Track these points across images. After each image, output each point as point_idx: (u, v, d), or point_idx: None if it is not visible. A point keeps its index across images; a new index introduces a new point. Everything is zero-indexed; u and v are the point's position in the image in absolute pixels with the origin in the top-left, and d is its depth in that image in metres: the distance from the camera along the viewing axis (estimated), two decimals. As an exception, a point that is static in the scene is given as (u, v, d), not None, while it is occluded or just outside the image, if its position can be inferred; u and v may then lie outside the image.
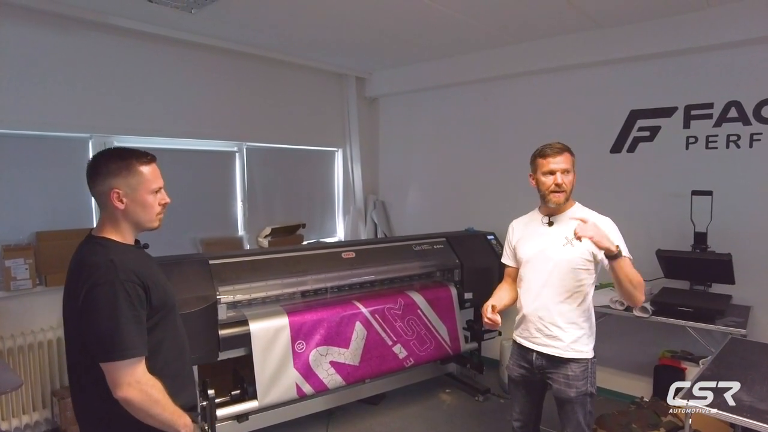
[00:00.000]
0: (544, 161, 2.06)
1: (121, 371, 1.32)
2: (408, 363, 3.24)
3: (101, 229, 1.48)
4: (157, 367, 1.43)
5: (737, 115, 3.12)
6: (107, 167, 1.44)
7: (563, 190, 2.04)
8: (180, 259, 2.75)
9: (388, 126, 5.17)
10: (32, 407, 3.06)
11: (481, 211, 4.37)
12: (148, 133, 3.61)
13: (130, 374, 1.33)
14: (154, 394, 1.36)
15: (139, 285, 1.39)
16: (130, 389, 1.32)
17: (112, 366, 1.32)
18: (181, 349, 1.59)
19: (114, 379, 1.33)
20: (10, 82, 2.99)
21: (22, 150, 3.11)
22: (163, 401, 1.38)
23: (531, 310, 2.15)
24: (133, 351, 1.33)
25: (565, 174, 2.04)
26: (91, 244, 1.45)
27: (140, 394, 1.34)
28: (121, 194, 1.43)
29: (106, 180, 1.43)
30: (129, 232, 1.50)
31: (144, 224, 1.50)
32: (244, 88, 4.19)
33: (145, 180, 1.47)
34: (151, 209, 1.49)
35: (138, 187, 1.46)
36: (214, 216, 4.09)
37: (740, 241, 3.06)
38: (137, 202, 1.46)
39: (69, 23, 3.15)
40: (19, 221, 3.10)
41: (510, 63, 3.98)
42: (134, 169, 1.46)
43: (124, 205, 1.45)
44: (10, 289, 2.96)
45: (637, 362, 3.55)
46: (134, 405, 1.34)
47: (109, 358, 1.32)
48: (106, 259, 1.38)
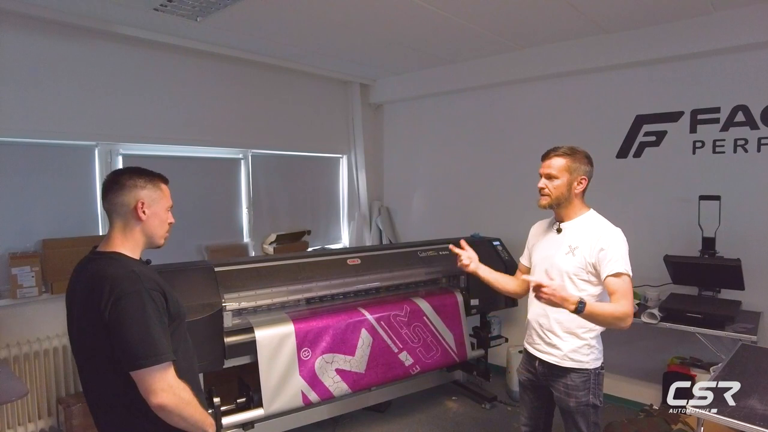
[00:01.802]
0: (541, 163, 2.09)
1: (154, 376, 1.33)
2: (414, 370, 3.21)
3: (111, 245, 1.50)
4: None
5: (744, 119, 3.10)
6: (134, 181, 1.50)
7: (545, 195, 2.04)
8: (186, 266, 2.75)
9: (393, 132, 5.18)
10: (38, 415, 3.06)
11: (486, 217, 4.35)
12: (154, 141, 3.64)
13: (163, 379, 1.34)
14: (186, 397, 1.39)
15: (160, 293, 1.44)
16: (164, 394, 1.34)
17: (144, 373, 1.33)
18: (191, 358, 1.62)
19: (148, 386, 1.33)
20: (17, 91, 3.02)
21: (28, 158, 3.13)
22: (194, 402, 1.41)
23: (533, 316, 2.15)
24: (165, 356, 1.35)
25: (550, 179, 2.02)
26: (104, 259, 1.47)
27: (174, 398, 1.35)
28: (145, 205, 1.50)
29: (133, 191, 1.49)
30: (139, 247, 1.54)
31: (155, 239, 1.56)
32: (249, 96, 4.21)
33: (164, 196, 1.57)
34: (164, 225, 1.57)
35: (159, 201, 1.54)
36: (219, 223, 4.10)
37: (749, 246, 3.03)
38: (156, 216, 1.53)
39: (76, 32, 3.18)
40: (25, 229, 3.11)
41: (514, 69, 3.98)
42: (158, 185, 1.55)
43: (146, 217, 1.50)
44: (16, 296, 2.97)
45: (645, 369, 3.51)
46: (170, 410, 1.35)
47: (143, 365, 1.32)
48: (129, 270, 1.41)
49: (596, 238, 1.96)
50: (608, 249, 1.93)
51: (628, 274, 1.91)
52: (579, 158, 2.03)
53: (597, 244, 1.95)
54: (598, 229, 2.00)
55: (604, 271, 1.92)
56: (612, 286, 1.91)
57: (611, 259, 1.92)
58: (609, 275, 1.91)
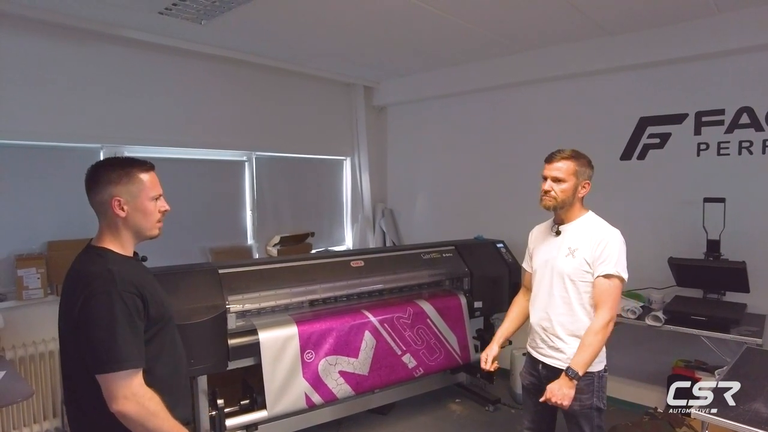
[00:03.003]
0: (544, 165, 2.09)
1: (117, 383, 1.29)
2: (417, 373, 3.21)
3: (100, 240, 1.46)
4: (155, 381, 1.39)
5: (749, 121, 3.09)
6: (108, 176, 1.43)
7: (551, 197, 2.03)
8: (190, 268, 2.76)
9: (397, 134, 5.18)
10: (42, 416, 3.07)
11: (489, 219, 4.35)
12: (158, 143, 3.66)
13: (126, 386, 1.29)
14: (152, 407, 1.33)
15: (137, 296, 1.38)
16: (127, 402, 1.29)
17: (107, 378, 1.29)
18: (177, 362, 1.56)
19: (110, 392, 1.29)
20: (22, 94, 3.04)
21: (34, 160, 3.15)
22: (162, 414, 1.35)
23: (536, 320, 2.15)
24: (129, 363, 1.30)
25: (556, 182, 2.02)
26: (90, 254, 1.44)
27: (137, 407, 1.30)
28: (122, 202, 1.43)
29: (107, 188, 1.43)
30: (129, 242, 1.49)
31: (144, 232, 1.50)
32: (254, 98, 4.22)
33: (145, 187, 1.47)
34: (151, 216, 1.49)
35: (139, 194, 1.46)
36: (223, 225, 4.11)
37: (754, 248, 3.02)
38: (138, 210, 1.46)
39: (81, 35, 3.20)
40: (31, 231, 3.13)
41: (517, 71, 3.98)
42: (135, 177, 1.46)
43: (125, 213, 1.44)
44: (22, 298, 2.99)
45: (650, 372, 3.50)
46: (131, 419, 1.30)
47: (105, 370, 1.29)
48: (104, 268, 1.36)
49: (595, 239, 1.99)
50: (605, 249, 1.96)
51: (618, 277, 1.96)
52: (584, 162, 2.06)
53: (595, 245, 1.98)
54: (596, 230, 2.02)
55: (597, 271, 1.97)
56: (599, 288, 1.97)
57: (605, 260, 1.96)
58: (600, 275, 1.96)
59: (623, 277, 1.96)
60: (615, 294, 1.96)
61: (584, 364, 1.90)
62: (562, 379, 1.91)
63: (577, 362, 1.90)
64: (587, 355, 1.91)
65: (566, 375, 1.90)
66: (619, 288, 1.98)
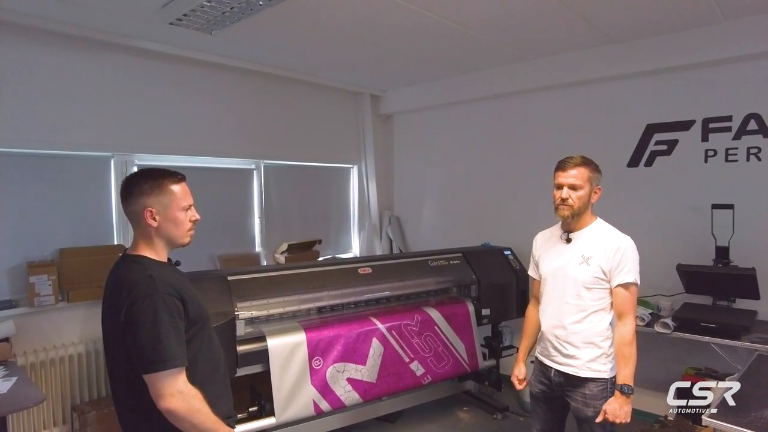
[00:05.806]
0: (557, 174, 2.06)
1: (163, 382, 1.35)
2: (425, 380, 3.21)
3: (136, 248, 1.53)
4: (196, 378, 1.45)
5: (757, 127, 3.08)
6: (140, 187, 1.50)
7: (568, 205, 2.01)
8: (200, 275, 2.78)
9: (403, 142, 5.21)
10: (53, 422, 3.09)
11: (497, 226, 4.35)
12: (168, 152, 3.70)
13: (172, 384, 1.36)
14: (196, 404, 1.39)
15: (177, 298, 1.44)
16: (173, 399, 1.35)
17: (154, 377, 1.35)
18: (216, 360, 1.62)
19: (157, 390, 1.35)
20: (35, 103, 3.09)
21: (46, 169, 3.20)
22: (204, 410, 1.41)
23: (548, 328, 2.14)
24: (174, 361, 1.37)
25: (573, 189, 2.00)
26: (127, 263, 1.50)
27: (183, 404, 1.36)
28: (154, 212, 1.50)
29: (140, 199, 1.49)
30: (162, 250, 1.55)
31: (176, 240, 1.56)
32: (262, 107, 4.27)
33: (176, 198, 1.53)
34: (182, 226, 1.55)
35: (170, 204, 1.52)
36: (231, 232, 4.14)
37: (764, 254, 3.00)
38: (169, 220, 1.52)
39: (94, 46, 3.26)
40: (42, 238, 3.17)
41: (524, 79, 4.00)
42: (166, 188, 1.52)
43: (157, 223, 1.50)
44: (33, 305, 3.01)
45: (660, 379, 3.46)
46: (178, 415, 1.36)
47: (151, 370, 1.35)
48: (145, 275, 1.43)
49: (610, 247, 1.98)
50: (622, 257, 1.96)
51: (636, 284, 1.97)
52: (594, 167, 2.06)
53: (612, 253, 1.97)
54: (610, 238, 2.01)
55: (616, 279, 1.97)
56: (620, 297, 1.97)
57: (623, 269, 1.96)
58: (620, 285, 1.96)
59: (638, 283, 1.98)
60: (635, 301, 1.99)
61: (632, 375, 1.93)
62: (620, 398, 1.92)
63: (626, 377, 1.92)
64: (632, 366, 1.93)
65: (621, 393, 1.91)
66: (636, 294, 2.00)
